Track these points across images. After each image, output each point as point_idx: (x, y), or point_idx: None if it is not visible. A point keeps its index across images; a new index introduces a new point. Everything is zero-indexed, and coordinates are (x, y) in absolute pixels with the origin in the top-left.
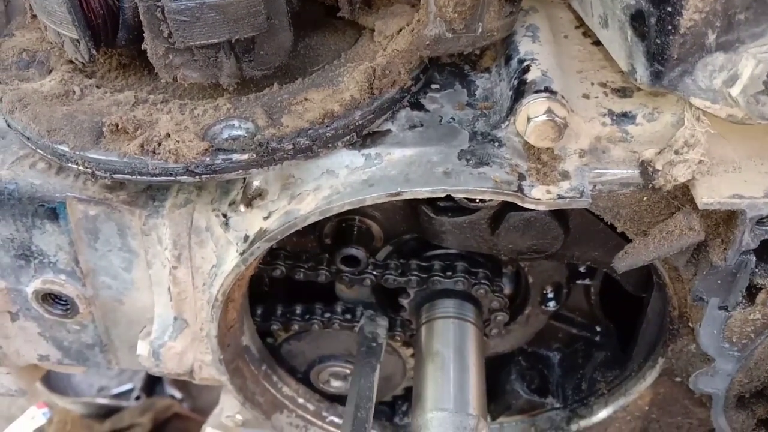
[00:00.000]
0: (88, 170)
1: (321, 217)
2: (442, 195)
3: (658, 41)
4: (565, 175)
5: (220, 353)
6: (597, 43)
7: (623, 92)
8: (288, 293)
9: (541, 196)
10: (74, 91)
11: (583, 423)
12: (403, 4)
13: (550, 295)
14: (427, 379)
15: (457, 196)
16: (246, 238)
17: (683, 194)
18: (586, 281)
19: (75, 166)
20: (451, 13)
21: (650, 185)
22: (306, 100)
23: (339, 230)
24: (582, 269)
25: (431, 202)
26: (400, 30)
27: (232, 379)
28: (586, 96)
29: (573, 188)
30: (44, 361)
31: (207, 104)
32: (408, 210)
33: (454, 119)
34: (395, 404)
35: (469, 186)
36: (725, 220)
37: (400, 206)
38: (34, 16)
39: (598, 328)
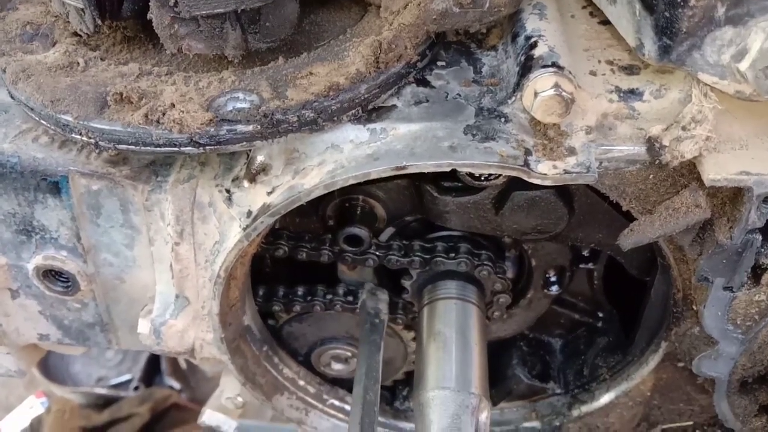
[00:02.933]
0: (92, 140)
1: (325, 191)
2: (448, 169)
3: (666, 14)
4: (572, 151)
5: (221, 332)
6: (604, 22)
7: (630, 70)
8: (290, 275)
9: (547, 171)
10: (78, 63)
11: (585, 408)
12: None
13: (553, 279)
14: (429, 358)
15: (462, 171)
16: (249, 213)
17: (690, 172)
18: (590, 265)
19: (78, 137)
20: None
21: (657, 162)
22: (311, 73)
23: (342, 210)
24: (585, 253)
25: (435, 181)
26: (407, 5)
27: (233, 358)
28: (593, 73)
29: (579, 164)
30: (44, 341)
31: (212, 77)
32: (412, 190)
33: (460, 95)
34: (396, 388)
35: (475, 160)
36: (731, 198)
37: (404, 186)
38: None
39: (601, 314)
